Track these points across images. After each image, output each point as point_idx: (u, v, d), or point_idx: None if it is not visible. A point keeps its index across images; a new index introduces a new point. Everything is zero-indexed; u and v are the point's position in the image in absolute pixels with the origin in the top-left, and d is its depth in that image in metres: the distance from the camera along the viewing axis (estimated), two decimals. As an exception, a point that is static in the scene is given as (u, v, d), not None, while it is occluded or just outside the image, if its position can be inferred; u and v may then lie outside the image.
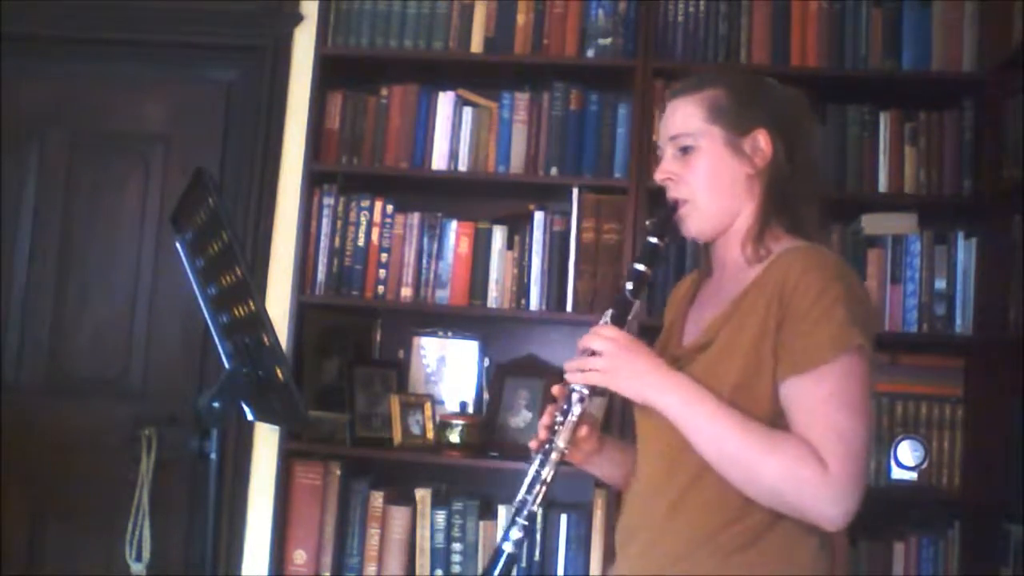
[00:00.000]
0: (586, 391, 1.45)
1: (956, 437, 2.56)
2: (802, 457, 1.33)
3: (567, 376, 1.46)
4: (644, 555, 1.48)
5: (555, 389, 1.50)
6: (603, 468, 1.64)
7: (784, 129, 1.51)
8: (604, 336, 1.44)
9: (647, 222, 1.55)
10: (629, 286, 1.49)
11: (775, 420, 1.39)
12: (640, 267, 1.50)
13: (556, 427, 1.46)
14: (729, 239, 1.53)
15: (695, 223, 1.53)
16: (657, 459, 1.49)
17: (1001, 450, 2.42)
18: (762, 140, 1.50)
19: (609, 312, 1.48)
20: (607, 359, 1.42)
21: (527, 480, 1.45)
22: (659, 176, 1.55)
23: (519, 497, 1.45)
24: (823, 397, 1.35)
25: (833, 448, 1.32)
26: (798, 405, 1.37)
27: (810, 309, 1.37)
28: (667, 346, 1.59)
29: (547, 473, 1.45)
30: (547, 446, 1.46)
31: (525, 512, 1.44)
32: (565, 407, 1.46)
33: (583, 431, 1.51)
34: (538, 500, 1.44)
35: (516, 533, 1.43)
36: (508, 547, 1.43)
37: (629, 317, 1.48)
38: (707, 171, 1.51)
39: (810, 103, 1.59)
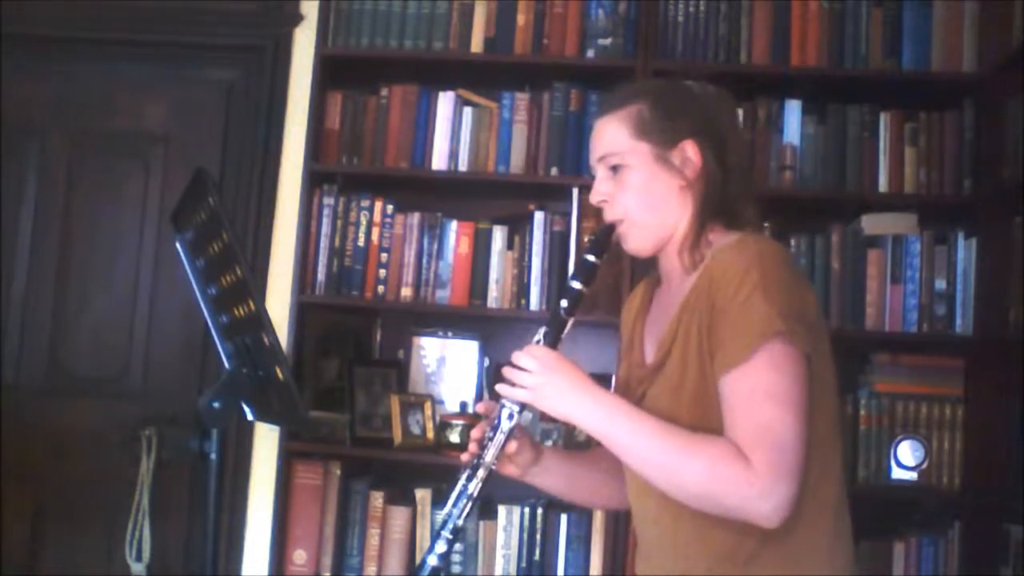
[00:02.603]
0: (516, 407, 1.45)
1: (956, 437, 2.56)
2: (723, 455, 1.31)
3: (498, 388, 1.45)
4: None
5: (480, 406, 1.52)
6: (547, 480, 1.63)
7: (712, 134, 1.50)
8: (532, 355, 1.43)
9: (586, 239, 1.55)
10: (564, 304, 1.49)
11: None
12: (576, 285, 1.50)
13: (486, 442, 1.46)
14: (671, 250, 1.53)
15: (634, 241, 1.53)
16: (650, 488, 1.45)
17: (1001, 450, 2.42)
18: (690, 151, 1.49)
19: (542, 330, 1.48)
20: (533, 377, 1.42)
21: (453, 494, 1.45)
22: (593, 198, 1.55)
23: (444, 511, 1.45)
24: (747, 392, 1.34)
25: (755, 442, 1.31)
26: (726, 404, 1.36)
27: (728, 305, 1.36)
28: (631, 365, 1.58)
29: (473, 488, 1.45)
30: (476, 460, 1.46)
31: (450, 526, 1.44)
32: (496, 422, 1.46)
33: (512, 446, 1.50)
34: (464, 514, 1.44)
35: (441, 547, 1.43)
36: (432, 560, 1.43)
37: (563, 335, 1.48)
38: (639, 188, 1.50)
39: (730, 97, 1.59)
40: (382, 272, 2.72)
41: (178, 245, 1.77)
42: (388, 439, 2.69)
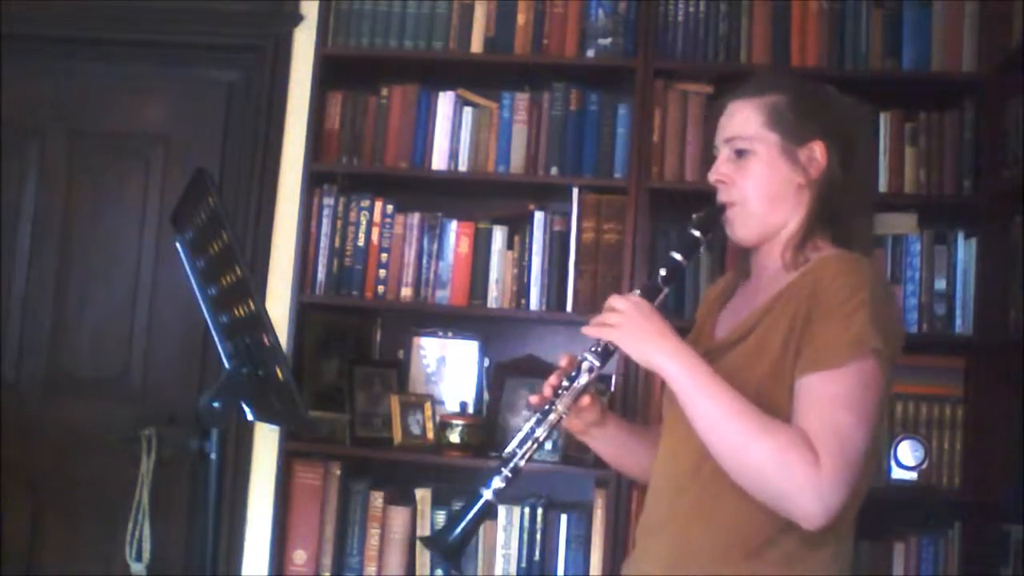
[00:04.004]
0: (596, 362, 1.47)
1: (956, 437, 2.56)
2: (795, 444, 1.33)
3: (584, 329, 1.47)
4: (670, 555, 1.48)
5: (563, 358, 1.53)
6: (603, 444, 1.66)
7: (841, 141, 1.51)
8: (629, 299, 1.46)
9: (693, 216, 1.56)
10: (663, 272, 1.51)
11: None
12: (677, 256, 1.52)
13: (560, 392, 1.48)
14: (772, 246, 1.54)
15: (742, 227, 1.54)
16: (683, 456, 1.49)
17: (1001, 450, 2.42)
18: (818, 151, 1.50)
19: (636, 291, 1.50)
20: (624, 317, 1.44)
21: (520, 435, 1.47)
22: (712, 177, 1.56)
23: (509, 449, 1.46)
24: (830, 396, 1.35)
25: (828, 445, 1.32)
26: (806, 400, 1.37)
27: (834, 311, 1.37)
28: (698, 340, 1.60)
29: (541, 432, 1.47)
30: (547, 407, 1.48)
31: (511, 465, 1.45)
32: (573, 374, 1.48)
33: (585, 400, 1.52)
34: (527, 456, 1.45)
35: (498, 483, 1.44)
36: (488, 494, 1.44)
37: (655, 303, 1.49)
38: (760, 177, 1.51)
39: (866, 112, 1.60)
40: (382, 272, 2.72)
41: (178, 245, 1.77)
42: (388, 439, 2.69)
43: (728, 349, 1.48)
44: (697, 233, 1.53)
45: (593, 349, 1.47)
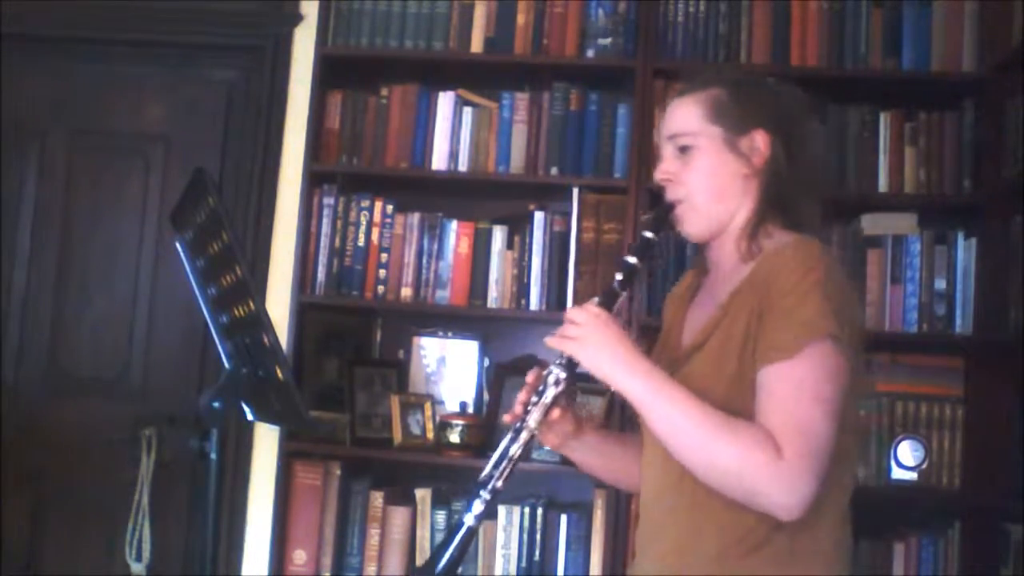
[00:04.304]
0: (563, 374, 1.46)
1: (956, 437, 2.56)
2: (758, 442, 1.32)
3: (546, 340, 1.46)
4: (670, 556, 1.48)
5: (530, 374, 1.52)
6: (584, 455, 1.65)
7: (783, 129, 1.51)
8: (586, 310, 1.45)
9: (643, 216, 1.56)
10: (619, 277, 1.50)
11: None
12: (631, 260, 1.51)
13: (530, 407, 1.47)
14: (725, 240, 1.53)
15: (692, 223, 1.54)
16: (667, 464, 1.47)
17: (1001, 450, 2.42)
18: (760, 140, 1.50)
19: (595, 299, 1.49)
20: (581, 330, 1.43)
21: (495, 455, 1.45)
22: (658, 176, 1.56)
23: (485, 472, 1.45)
24: (789, 386, 1.35)
25: (790, 437, 1.32)
26: (765, 393, 1.37)
27: (785, 299, 1.37)
28: (666, 347, 1.59)
29: (515, 450, 1.45)
30: (519, 424, 1.47)
31: (489, 487, 1.44)
32: (541, 388, 1.47)
33: (555, 413, 1.50)
34: (503, 476, 1.44)
35: (478, 507, 1.43)
36: (469, 520, 1.42)
37: (615, 308, 1.48)
38: (705, 171, 1.51)
39: (809, 101, 1.59)
40: (382, 272, 2.72)
41: (178, 245, 1.77)
42: (388, 439, 2.70)
43: (693, 354, 1.48)
44: (649, 234, 1.53)
45: (559, 362, 1.46)
